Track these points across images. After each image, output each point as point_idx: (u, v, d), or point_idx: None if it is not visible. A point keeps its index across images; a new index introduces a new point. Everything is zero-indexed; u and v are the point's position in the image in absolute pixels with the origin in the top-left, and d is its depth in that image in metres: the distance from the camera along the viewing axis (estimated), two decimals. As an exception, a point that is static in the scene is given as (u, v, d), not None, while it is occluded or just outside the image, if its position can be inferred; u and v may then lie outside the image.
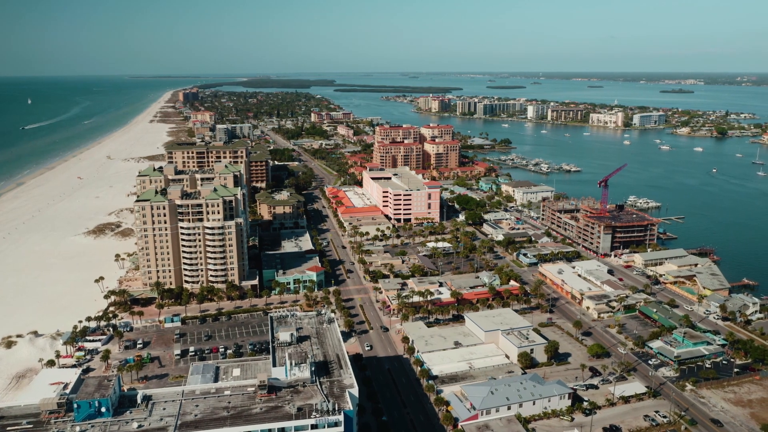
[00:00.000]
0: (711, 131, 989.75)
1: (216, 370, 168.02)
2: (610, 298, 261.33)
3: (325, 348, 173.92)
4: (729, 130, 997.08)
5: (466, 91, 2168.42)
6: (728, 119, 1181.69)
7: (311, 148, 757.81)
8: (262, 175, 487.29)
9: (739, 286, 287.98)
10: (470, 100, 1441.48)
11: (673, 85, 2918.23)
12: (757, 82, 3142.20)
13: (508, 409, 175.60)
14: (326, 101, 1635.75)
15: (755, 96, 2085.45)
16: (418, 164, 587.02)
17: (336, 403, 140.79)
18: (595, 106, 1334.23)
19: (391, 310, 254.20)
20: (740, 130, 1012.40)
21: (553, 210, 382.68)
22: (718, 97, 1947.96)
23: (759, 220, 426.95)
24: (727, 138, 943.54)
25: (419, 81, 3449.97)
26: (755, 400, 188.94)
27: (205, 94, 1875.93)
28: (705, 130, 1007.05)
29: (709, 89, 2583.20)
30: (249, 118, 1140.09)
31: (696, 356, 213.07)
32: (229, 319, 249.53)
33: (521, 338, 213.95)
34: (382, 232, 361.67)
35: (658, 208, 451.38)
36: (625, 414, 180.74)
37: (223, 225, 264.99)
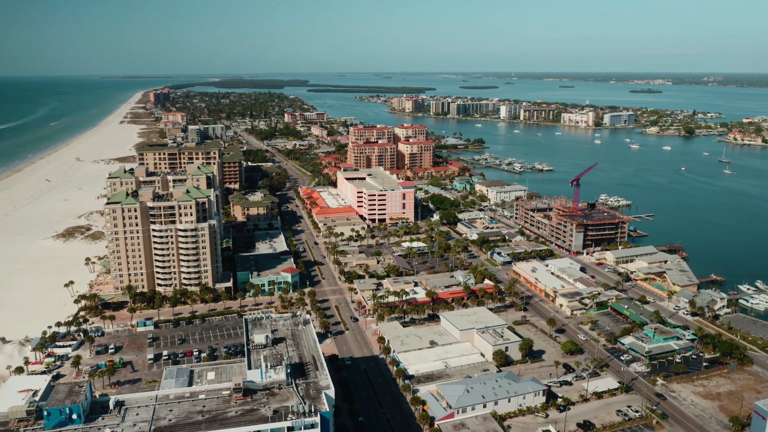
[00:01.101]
0: (679, 130, 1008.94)
1: (190, 374, 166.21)
2: (583, 295, 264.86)
3: (301, 349, 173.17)
4: (696, 129, 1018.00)
5: (440, 91, 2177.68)
6: (695, 118, 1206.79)
7: (285, 148, 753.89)
8: (235, 177, 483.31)
9: (707, 282, 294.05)
10: (444, 101, 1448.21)
11: (642, 85, 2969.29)
12: (722, 82, 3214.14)
13: (484, 407, 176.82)
14: (300, 101, 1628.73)
15: (721, 96, 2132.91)
16: (393, 164, 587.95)
17: (312, 405, 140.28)
18: (567, 106, 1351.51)
19: (366, 310, 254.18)
20: (707, 129, 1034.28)
21: (527, 209, 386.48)
22: (686, 97, 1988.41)
23: (726, 217, 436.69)
24: (695, 137, 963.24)
25: (393, 81, 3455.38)
26: (723, 393, 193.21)
27: (177, 95, 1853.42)
28: (673, 130, 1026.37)
29: (677, 89, 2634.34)
30: (222, 118, 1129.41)
31: (666, 351, 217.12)
32: (203, 322, 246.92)
33: (496, 336, 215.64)
34: (356, 233, 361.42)
35: (629, 206, 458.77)
36: (598, 409, 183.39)
37: (196, 227, 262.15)
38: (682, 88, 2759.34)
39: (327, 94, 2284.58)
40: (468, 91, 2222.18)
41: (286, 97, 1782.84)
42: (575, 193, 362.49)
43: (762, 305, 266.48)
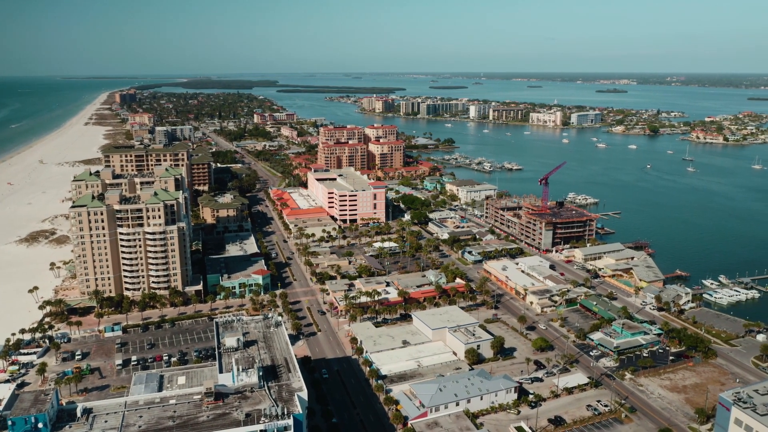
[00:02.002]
0: (644, 129, 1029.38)
1: (160, 379, 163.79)
2: (553, 292, 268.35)
3: (273, 352, 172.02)
4: (660, 128, 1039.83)
5: (410, 91, 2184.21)
6: (660, 118, 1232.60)
7: (255, 149, 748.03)
8: (204, 178, 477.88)
9: (673, 278, 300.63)
10: (414, 101, 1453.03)
11: (608, 85, 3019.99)
12: (685, 82, 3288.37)
13: (457, 405, 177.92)
14: (269, 102, 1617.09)
15: (684, 95, 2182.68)
16: (363, 165, 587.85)
17: (285, 407, 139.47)
18: (535, 106, 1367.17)
19: (338, 311, 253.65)
20: (671, 128, 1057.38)
21: (497, 208, 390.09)
22: (650, 97, 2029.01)
23: (690, 213, 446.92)
24: (659, 136, 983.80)
25: (363, 81, 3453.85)
26: (689, 386, 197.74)
27: (143, 96, 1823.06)
28: (638, 129, 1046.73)
29: (642, 89, 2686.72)
30: (190, 119, 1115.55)
31: (634, 346, 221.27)
32: (172, 326, 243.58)
33: (468, 335, 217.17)
34: (328, 234, 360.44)
35: (596, 204, 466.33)
36: (568, 405, 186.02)
37: (165, 230, 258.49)
38: (646, 88, 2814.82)
39: (297, 94, 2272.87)
40: (438, 91, 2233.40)
41: (256, 98, 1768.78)
42: (544, 191, 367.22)
43: (725, 299, 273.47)
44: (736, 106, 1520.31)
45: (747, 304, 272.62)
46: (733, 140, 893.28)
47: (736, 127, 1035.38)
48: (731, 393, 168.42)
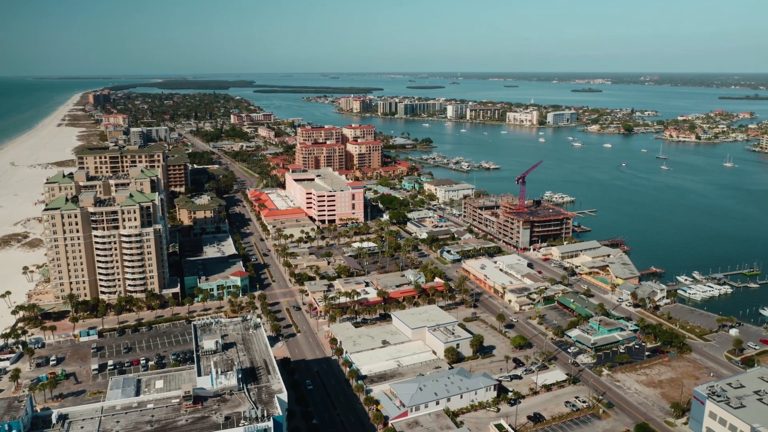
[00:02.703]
0: (618, 128, 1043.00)
1: (137, 383, 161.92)
2: (531, 290, 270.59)
3: (252, 354, 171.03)
4: (635, 126, 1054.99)
5: (387, 91, 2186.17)
6: (634, 116, 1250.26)
7: (232, 150, 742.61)
8: (180, 180, 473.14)
9: (648, 274, 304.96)
10: (391, 101, 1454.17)
11: (583, 84, 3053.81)
12: (658, 82, 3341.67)
13: (437, 404, 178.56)
14: (246, 102, 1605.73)
15: (657, 94, 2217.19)
16: (341, 165, 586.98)
17: (265, 410, 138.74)
18: (512, 105, 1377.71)
19: (318, 312, 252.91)
20: (645, 126, 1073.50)
21: (474, 207, 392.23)
22: (624, 96, 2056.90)
23: (664, 211, 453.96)
24: (634, 134, 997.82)
25: (340, 81, 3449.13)
26: (665, 381, 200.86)
27: (118, 96, 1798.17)
28: (613, 127, 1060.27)
29: (616, 88, 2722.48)
30: (165, 120, 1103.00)
31: (611, 342, 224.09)
32: (149, 329, 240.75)
33: (447, 334, 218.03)
34: (306, 234, 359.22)
35: (573, 202, 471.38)
36: (547, 401, 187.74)
37: (141, 232, 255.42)
38: (620, 87, 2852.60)
39: (274, 94, 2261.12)
40: (415, 91, 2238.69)
41: (232, 98, 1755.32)
42: (521, 190, 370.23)
43: (699, 295, 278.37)
44: (708, 105, 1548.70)
45: (720, 300, 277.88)
46: (705, 138, 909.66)
47: (708, 125, 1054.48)
48: (705, 387, 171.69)
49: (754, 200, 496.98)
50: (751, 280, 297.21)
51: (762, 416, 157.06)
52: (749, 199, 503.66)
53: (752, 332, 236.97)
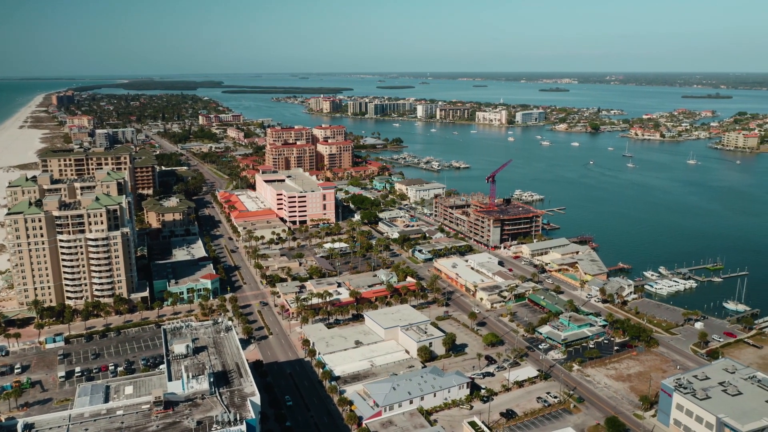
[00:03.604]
0: (586, 127, 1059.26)
1: (106, 390, 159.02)
2: (502, 288, 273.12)
3: (224, 357, 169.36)
4: (601, 125, 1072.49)
5: (357, 91, 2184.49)
6: (600, 115, 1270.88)
7: (200, 151, 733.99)
8: (148, 182, 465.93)
9: (616, 270, 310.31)
10: (361, 101, 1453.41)
11: (550, 84, 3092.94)
12: (623, 81, 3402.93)
13: (411, 403, 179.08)
14: (214, 103, 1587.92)
15: (622, 94, 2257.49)
16: (312, 165, 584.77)
17: (237, 413, 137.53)
18: (481, 105, 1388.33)
19: (290, 313, 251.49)
20: (611, 125, 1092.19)
21: (445, 206, 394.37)
22: (591, 95, 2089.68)
23: (631, 208, 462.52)
24: (600, 133, 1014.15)
25: (309, 82, 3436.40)
26: (633, 375, 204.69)
27: (82, 98, 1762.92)
28: (580, 126, 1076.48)
29: (583, 87, 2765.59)
30: (132, 122, 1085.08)
31: (581, 338, 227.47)
32: (118, 334, 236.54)
33: (420, 333, 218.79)
34: (277, 236, 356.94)
35: (542, 200, 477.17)
36: (519, 398, 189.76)
37: (108, 236, 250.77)
38: (587, 86, 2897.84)
39: (243, 95, 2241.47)
40: (385, 91, 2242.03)
41: (200, 99, 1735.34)
42: (491, 189, 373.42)
43: (665, 290, 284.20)
44: (671, 103, 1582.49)
45: (685, 294, 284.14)
46: (669, 137, 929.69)
47: (672, 123, 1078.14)
48: (672, 380, 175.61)
49: (716, 197, 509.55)
50: (715, 275, 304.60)
51: (727, 407, 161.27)
52: (712, 195, 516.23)
53: (716, 325, 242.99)
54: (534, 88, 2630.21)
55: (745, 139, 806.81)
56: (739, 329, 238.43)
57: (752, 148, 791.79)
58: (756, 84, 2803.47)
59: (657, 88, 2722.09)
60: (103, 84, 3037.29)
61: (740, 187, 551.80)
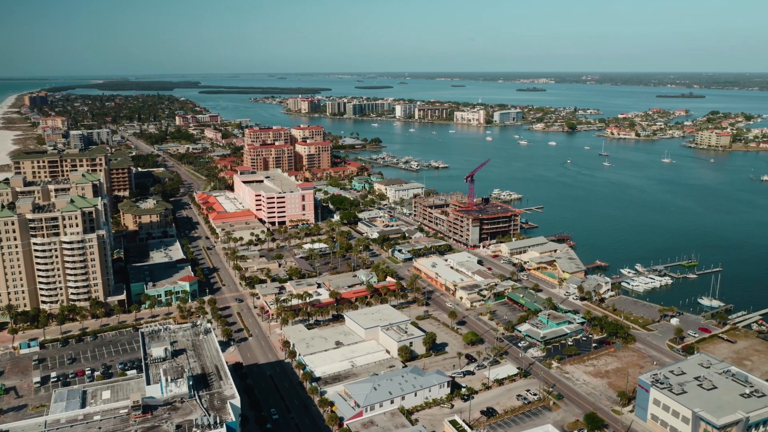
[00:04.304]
0: (562, 126, 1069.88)
1: (83, 395, 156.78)
2: (481, 287, 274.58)
3: (203, 360, 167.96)
4: (578, 125, 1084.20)
5: (335, 91, 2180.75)
6: (577, 115, 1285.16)
7: (177, 153, 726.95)
8: (124, 183, 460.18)
9: (593, 268, 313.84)
10: (340, 101, 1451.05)
11: (527, 84, 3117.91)
12: (599, 81, 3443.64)
13: (392, 403, 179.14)
14: (191, 104, 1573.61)
15: (598, 93, 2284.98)
16: (291, 166, 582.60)
17: (217, 416, 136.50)
18: (459, 105, 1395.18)
19: (269, 315, 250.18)
20: (587, 124, 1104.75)
21: (424, 206, 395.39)
22: (567, 95, 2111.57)
23: (607, 206, 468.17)
24: (577, 132, 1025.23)
25: (287, 82, 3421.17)
26: (611, 371, 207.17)
27: (56, 98, 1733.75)
28: (557, 126, 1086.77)
29: (559, 87, 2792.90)
30: (107, 123, 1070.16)
31: (559, 335, 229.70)
32: (95, 338, 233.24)
33: (400, 333, 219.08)
34: (256, 237, 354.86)
35: (520, 199, 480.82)
36: (500, 396, 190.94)
37: (83, 238, 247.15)
38: (563, 86, 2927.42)
39: (220, 95, 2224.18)
40: (363, 91, 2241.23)
41: (177, 99, 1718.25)
42: (470, 188, 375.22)
43: (641, 287, 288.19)
44: (646, 103, 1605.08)
45: (661, 291, 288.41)
46: (644, 136, 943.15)
47: (647, 123, 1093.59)
48: (649, 375, 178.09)
49: (690, 194, 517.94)
50: (690, 271, 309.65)
51: (702, 401, 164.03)
52: (686, 193, 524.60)
53: (691, 321, 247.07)
54: (511, 88, 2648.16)
55: (718, 137, 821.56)
56: (714, 324, 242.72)
57: (724, 146, 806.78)
58: (728, 84, 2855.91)
59: (632, 87, 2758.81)
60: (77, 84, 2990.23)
61: (714, 185, 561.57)
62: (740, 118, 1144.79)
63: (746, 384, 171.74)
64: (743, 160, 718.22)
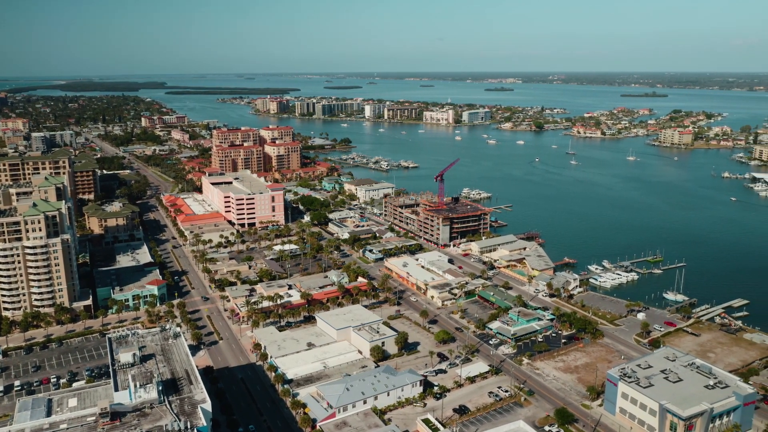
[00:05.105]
0: (530, 125, 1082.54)
1: (48, 404, 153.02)
2: (452, 285, 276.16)
3: (173, 364, 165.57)
4: (545, 124, 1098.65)
5: (304, 91, 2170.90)
6: (544, 114, 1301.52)
7: (144, 154, 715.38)
8: (89, 186, 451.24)
9: (562, 265, 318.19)
10: (309, 101, 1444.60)
11: (495, 83, 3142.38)
12: (565, 80, 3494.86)
13: (365, 403, 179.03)
14: (158, 104, 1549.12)
15: (564, 93, 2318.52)
16: (260, 167, 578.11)
17: (188, 421, 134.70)
18: (428, 105, 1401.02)
19: (240, 317, 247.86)
20: (554, 123, 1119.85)
21: (395, 206, 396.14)
22: (535, 94, 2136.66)
23: (575, 204, 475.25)
24: (544, 131, 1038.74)
25: (256, 82, 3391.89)
26: (581, 366, 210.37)
27: (16, 100, 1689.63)
28: (525, 125, 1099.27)
29: (527, 87, 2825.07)
30: (70, 124, 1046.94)
31: (530, 332, 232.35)
32: (60, 345, 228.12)
33: (372, 333, 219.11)
34: (226, 239, 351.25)
35: (489, 198, 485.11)
36: (472, 393, 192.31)
37: (47, 243, 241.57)
38: (530, 86, 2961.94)
39: (187, 96, 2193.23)
40: (332, 91, 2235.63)
41: (143, 100, 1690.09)
42: (440, 188, 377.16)
43: (608, 283, 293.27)
44: (611, 102, 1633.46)
45: (628, 286, 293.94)
46: (610, 134, 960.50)
47: (612, 121, 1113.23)
48: (617, 369, 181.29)
49: (655, 191, 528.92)
50: (655, 267, 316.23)
51: (668, 393, 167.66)
52: (651, 190, 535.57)
53: (657, 315, 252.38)
54: (480, 88, 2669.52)
55: (681, 136, 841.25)
56: (679, 318, 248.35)
57: (687, 144, 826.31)
58: (689, 83, 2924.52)
59: (597, 87, 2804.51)
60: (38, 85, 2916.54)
61: (677, 182, 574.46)
62: (701, 117, 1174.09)
63: (710, 376, 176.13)
64: (705, 158, 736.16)
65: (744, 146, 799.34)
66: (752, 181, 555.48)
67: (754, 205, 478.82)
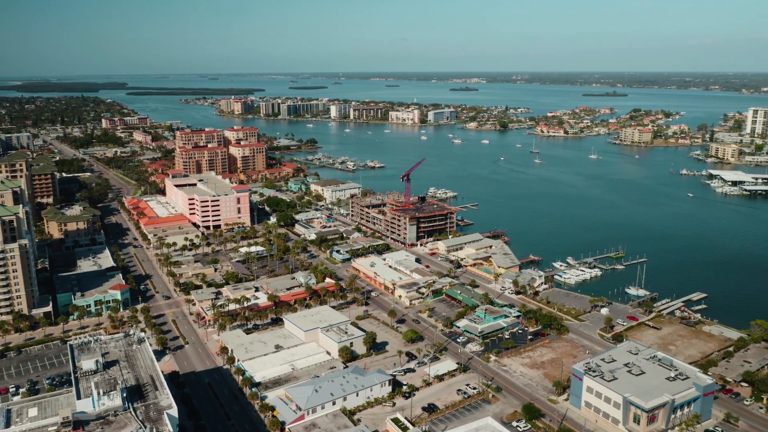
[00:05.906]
0: (495, 125, 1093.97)
1: (7, 414, 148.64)
2: (419, 285, 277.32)
3: (137, 370, 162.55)
4: (509, 123, 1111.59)
5: (269, 92, 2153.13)
6: (508, 113, 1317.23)
7: (105, 156, 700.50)
8: (48, 190, 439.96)
9: (527, 262, 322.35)
10: (274, 102, 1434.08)
11: (460, 83, 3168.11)
12: (529, 80, 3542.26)
13: (334, 404, 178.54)
14: (119, 105, 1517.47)
15: (528, 92, 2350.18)
16: (225, 168, 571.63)
17: (153, 428, 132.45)
18: (394, 105, 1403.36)
19: (206, 321, 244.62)
20: (518, 123, 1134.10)
21: (362, 206, 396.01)
22: (499, 94, 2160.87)
23: (539, 202, 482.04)
24: (509, 130, 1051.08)
25: (219, 83, 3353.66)
26: (547, 362, 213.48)
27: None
28: (490, 124, 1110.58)
29: (491, 87, 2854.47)
30: (27, 126, 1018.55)
31: (496, 329, 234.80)
32: (18, 353, 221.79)
33: (340, 333, 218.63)
34: (190, 242, 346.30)
35: (456, 197, 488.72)
36: (440, 391, 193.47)
37: (4, 249, 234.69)
38: (495, 85, 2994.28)
39: (149, 97, 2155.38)
40: (297, 91, 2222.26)
41: (103, 101, 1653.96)
42: (406, 187, 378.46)
43: (573, 279, 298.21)
44: (573, 101, 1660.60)
45: (591, 282, 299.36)
46: (572, 133, 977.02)
47: (574, 121, 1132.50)
48: (582, 364, 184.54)
49: (617, 189, 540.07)
50: (617, 262, 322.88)
51: (632, 386, 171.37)
52: (613, 188, 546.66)
53: (620, 310, 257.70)
54: (445, 88, 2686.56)
55: (640, 134, 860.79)
56: (641, 313, 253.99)
57: (646, 142, 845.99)
58: (648, 83, 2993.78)
59: (560, 87, 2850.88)
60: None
61: (638, 180, 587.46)
62: (660, 116, 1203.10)
63: (671, 368, 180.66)
64: (664, 156, 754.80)
65: (701, 144, 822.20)
66: (709, 177, 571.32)
67: (711, 201, 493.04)
